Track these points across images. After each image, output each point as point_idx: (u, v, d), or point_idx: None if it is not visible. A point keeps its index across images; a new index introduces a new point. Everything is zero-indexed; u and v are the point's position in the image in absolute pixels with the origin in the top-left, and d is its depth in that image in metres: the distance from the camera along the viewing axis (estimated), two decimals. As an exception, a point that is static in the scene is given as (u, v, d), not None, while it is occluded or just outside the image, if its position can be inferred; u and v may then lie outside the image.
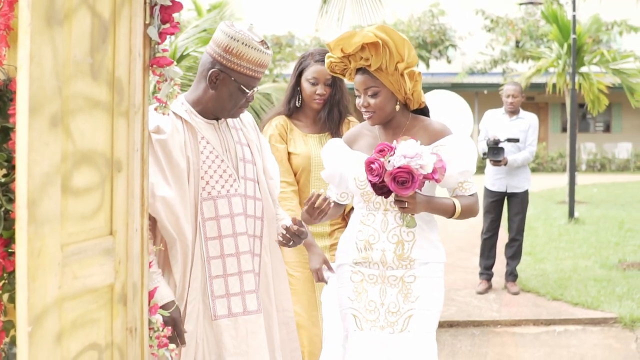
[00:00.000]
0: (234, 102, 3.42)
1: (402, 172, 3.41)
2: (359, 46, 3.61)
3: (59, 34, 2.03)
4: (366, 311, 3.76)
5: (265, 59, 3.36)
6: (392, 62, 3.63)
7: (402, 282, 3.74)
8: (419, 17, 29.33)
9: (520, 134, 8.50)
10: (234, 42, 3.32)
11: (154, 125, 3.33)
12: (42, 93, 1.97)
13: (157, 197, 3.26)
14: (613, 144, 34.33)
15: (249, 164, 3.55)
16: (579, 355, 6.74)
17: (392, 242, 3.73)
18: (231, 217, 3.42)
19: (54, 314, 2.06)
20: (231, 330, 3.38)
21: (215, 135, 3.48)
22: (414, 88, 3.77)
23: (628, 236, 12.57)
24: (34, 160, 1.94)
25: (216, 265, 3.40)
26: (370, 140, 3.87)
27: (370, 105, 3.72)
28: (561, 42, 19.31)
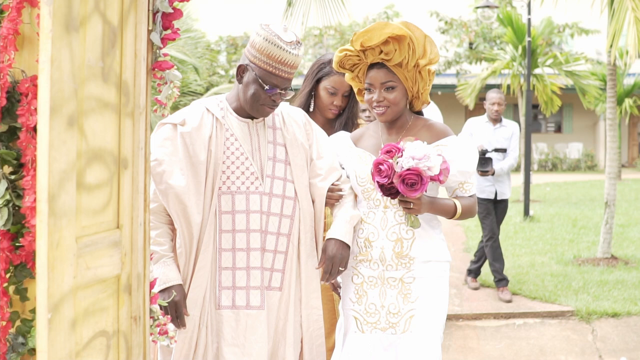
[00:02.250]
0: (255, 98, 3.48)
1: (412, 174, 3.44)
2: (384, 39, 3.61)
3: (75, 39, 2.18)
4: (367, 314, 3.77)
5: (287, 58, 3.42)
6: (414, 57, 3.66)
7: (402, 283, 3.73)
8: (373, 18, 29.48)
9: (504, 142, 8.60)
10: (257, 38, 3.46)
11: (180, 118, 3.51)
12: (61, 95, 2.11)
13: (167, 184, 3.42)
14: (564, 144, 34.88)
15: (280, 163, 3.60)
16: (538, 346, 6.98)
17: (391, 240, 3.73)
18: (247, 214, 3.50)
19: (70, 302, 2.20)
20: (232, 322, 3.47)
21: (247, 133, 3.57)
22: (425, 86, 3.81)
23: (582, 233, 12.89)
24: (53, 157, 2.09)
25: (227, 257, 3.49)
26: (374, 140, 3.91)
27: (386, 100, 3.73)
28: (515, 44, 19.72)
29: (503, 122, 8.73)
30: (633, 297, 8.17)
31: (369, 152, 3.86)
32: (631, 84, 25.73)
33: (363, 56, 3.74)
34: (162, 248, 3.53)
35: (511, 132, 8.67)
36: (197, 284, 3.46)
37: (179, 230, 3.48)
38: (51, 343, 2.10)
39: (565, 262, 10.21)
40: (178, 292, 3.45)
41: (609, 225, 10.13)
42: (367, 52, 3.71)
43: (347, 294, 3.87)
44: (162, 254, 3.52)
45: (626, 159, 35.18)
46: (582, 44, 27.76)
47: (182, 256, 3.49)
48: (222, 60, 29.27)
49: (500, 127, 8.67)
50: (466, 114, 33.30)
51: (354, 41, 3.69)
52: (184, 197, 3.42)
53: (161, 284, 3.45)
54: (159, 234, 3.55)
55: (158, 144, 3.50)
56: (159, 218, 3.55)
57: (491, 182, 8.44)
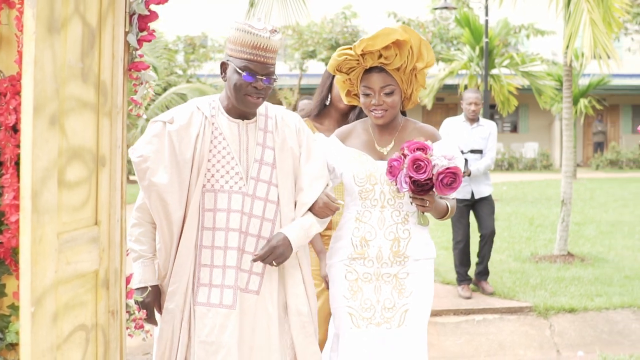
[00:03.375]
0: (237, 88, 3.45)
1: (450, 173, 3.47)
2: (386, 45, 3.65)
3: (57, 40, 2.24)
4: (362, 309, 3.78)
5: (260, 41, 3.40)
6: (412, 61, 3.72)
7: (396, 279, 3.78)
8: (331, 19, 29.54)
9: (481, 142, 8.53)
10: (232, 31, 3.47)
11: (169, 116, 3.51)
12: (44, 95, 2.17)
13: (150, 181, 3.41)
14: (520, 143, 35.21)
15: (266, 167, 3.57)
16: (497, 342, 7.10)
17: (389, 239, 3.76)
18: (227, 212, 3.49)
19: (51, 297, 2.27)
20: (205, 319, 3.45)
21: (236, 133, 3.56)
22: (419, 88, 3.87)
23: (538, 231, 13.07)
24: (36, 155, 2.15)
25: (206, 254, 3.49)
26: (364, 138, 3.91)
27: (385, 104, 3.75)
28: (473, 45, 19.93)
29: (480, 122, 8.66)
30: (589, 293, 8.31)
31: (362, 151, 3.86)
32: (586, 85, 26.05)
33: (362, 60, 3.76)
34: (141, 248, 3.55)
35: (488, 132, 8.61)
36: (176, 279, 3.47)
37: (158, 226, 3.49)
38: (34, 336, 2.16)
39: (522, 259, 10.37)
40: (150, 294, 3.50)
41: (566, 223, 10.29)
42: (366, 56, 3.73)
43: (339, 291, 3.86)
44: (141, 254, 3.54)
45: (581, 159, 35.61)
46: (538, 44, 28.07)
47: (162, 251, 3.51)
48: (180, 60, 29.15)
49: (477, 127, 8.60)
50: (423, 114, 33.57)
51: (357, 46, 3.69)
52: (166, 195, 3.41)
53: (136, 283, 3.47)
54: (141, 233, 3.57)
55: (146, 141, 3.49)
56: (145, 216, 3.57)
57: (467, 182, 8.36)
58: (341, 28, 29.30)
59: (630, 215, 15.48)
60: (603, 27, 9.50)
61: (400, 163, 3.55)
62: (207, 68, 29.28)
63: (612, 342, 7.10)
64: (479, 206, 8.54)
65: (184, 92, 20.59)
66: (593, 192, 21.09)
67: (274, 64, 3.50)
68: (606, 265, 9.92)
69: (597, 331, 7.32)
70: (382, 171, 3.76)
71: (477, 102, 8.55)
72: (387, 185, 3.76)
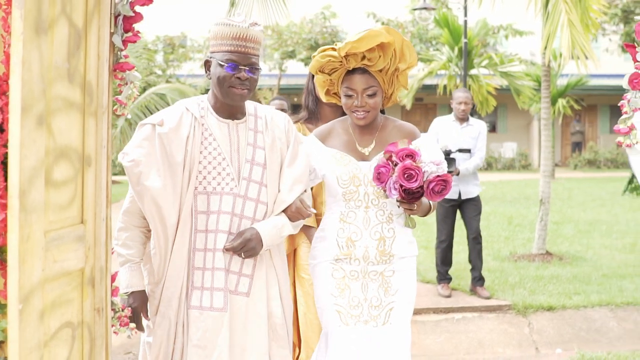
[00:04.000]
0: (221, 81, 3.44)
1: (441, 181, 3.49)
2: (370, 47, 3.64)
3: (44, 41, 2.28)
4: (350, 307, 3.77)
5: (239, 32, 3.40)
6: (395, 63, 3.72)
7: (382, 277, 3.79)
8: (311, 19, 29.56)
9: (471, 141, 8.48)
10: (212, 27, 3.46)
11: (159, 119, 3.47)
12: (31, 95, 2.21)
13: (143, 185, 3.37)
14: (499, 143, 35.34)
15: (257, 167, 3.55)
16: (477, 340, 7.16)
17: (375, 239, 3.77)
18: (218, 214, 3.45)
19: (39, 294, 2.30)
20: (198, 323, 3.42)
21: (226, 134, 3.54)
22: (399, 88, 3.88)
23: (517, 230, 13.16)
24: (24, 155, 2.18)
25: (199, 257, 3.45)
26: (344, 138, 3.89)
27: (367, 105, 3.73)
28: (452, 45, 20.04)
29: (470, 122, 8.62)
30: (567, 291, 8.38)
31: (344, 152, 3.84)
32: (564, 85, 26.25)
33: (345, 61, 3.72)
34: (129, 252, 3.52)
35: (478, 132, 8.58)
36: (171, 283, 3.44)
37: (153, 231, 3.45)
38: (22, 333, 2.19)
39: (501, 258, 10.44)
40: (137, 299, 3.48)
41: (544, 222, 10.37)
42: (349, 58, 3.70)
43: (326, 289, 3.84)
44: (128, 258, 3.52)
45: (559, 158, 35.82)
46: (517, 45, 28.22)
47: (157, 256, 3.46)
48: (159, 60, 29.12)
49: (467, 127, 8.56)
50: (403, 113, 33.63)
51: (341, 48, 3.66)
52: (160, 199, 3.38)
53: (123, 288, 3.46)
54: (129, 237, 3.53)
55: (136, 144, 3.45)
56: (132, 220, 3.53)
57: (455, 182, 8.30)
58: (320, 28, 29.31)
59: (607, 214, 15.60)
60: (581, 28, 9.59)
61: (388, 170, 3.55)
62: (186, 68, 29.28)
63: (590, 339, 7.18)
64: (465, 207, 8.53)
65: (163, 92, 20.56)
66: (571, 191, 21.22)
67: (256, 55, 3.48)
68: (584, 263, 10.01)
69: (575, 329, 7.39)
70: (365, 172, 3.76)
71: (467, 101, 8.52)
72: (370, 186, 3.75)
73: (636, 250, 11.05)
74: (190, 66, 29.18)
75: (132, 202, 3.51)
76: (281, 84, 30.08)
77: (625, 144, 2.94)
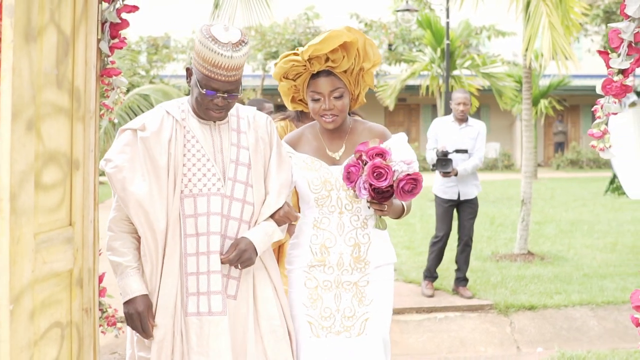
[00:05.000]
0: (198, 102, 3.36)
1: (411, 179, 3.40)
2: (333, 48, 3.57)
3: (33, 48, 2.34)
4: (321, 318, 3.69)
5: (221, 61, 3.24)
6: (359, 62, 3.66)
7: (356, 287, 3.69)
8: (294, 19, 29.56)
9: (470, 142, 8.46)
10: (196, 40, 3.29)
11: (140, 123, 3.37)
12: (21, 101, 2.27)
13: (128, 191, 3.28)
14: (482, 143, 35.41)
15: (242, 167, 3.48)
16: (459, 339, 7.23)
17: (349, 245, 3.68)
18: (207, 216, 3.38)
19: (29, 295, 2.37)
20: (197, 329, 3.36)
21: (209, 135, 3.46)
22: (365, 88, 3.81)
23: (499, 230, 13.24)
24: (14, 159, 2.24)
25: (192, 262, 3.36)
26: (314, 145, 3.81)
27: (336, 108, 3.65)
28: (434, 46, 20.14)
29: (469, 122, 8.60)
30: (548, 290, 8.46)
31: (315, 157, 3.75)
32: (546, 85, 26.36)
33: (309, 65, 3.65)
34: (125, 259, 3.37)
35: (477, 132, 8.57)
36: (166, 291, 3.35)
37: (142, 238, 3.34)
38: (12, 333, 2.26)
39: (484, 258, 10.51)
40: (141, 303, 3.32)
41: (525, 223, 10.46)
42: (312, 61, 3.63)
43: (299, 298, 3.75)
44: (125, 265, 3.36)
45: (542, 158, 35.96)
46: (499, 45, 28.32)
47: (148, 263, 3.36)
48: (143, 61, 29.07)
49: (466, 127, 8.55)
50: (385, 114, 33.74)
51: (304, 52, 3.59)
52: (146, 204, 3.29)
53: (125, 295, 3.32)
54: (121, 244, 3.39)
55: (118, 150, 3.34)
56: (121, 227, 3.40)
57: (454, 182, 8.35)
58: (304, 29, 29.30)
59: (589, 214, 15.71)
60: (562, 29, 9.69)
61: (358, 169, 3.48)
62: (170, 69, 29.23)
63: (571, 338, 7.26)
64: (462, 208, 8.51)
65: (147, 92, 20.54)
66: (554, 191, 21.34)
67: (237, 80, 3.36)
68: (565, 263, 10.11)
69: (557, 328, 7.47)
70: (336, 176, 3.69)
71: (465, 102, 8.51)
72: (343, 190, 3.67)
73: (617, 249, 11.16)
74: (173, 67, 29.14)
75: (118, 210, 3.40)
76: (264, 84, 30.11)
77: (599, 148, 3.03)
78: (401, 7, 20.87)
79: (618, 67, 2.88)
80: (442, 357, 6.84)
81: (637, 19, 2.80)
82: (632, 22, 2.82)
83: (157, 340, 3.32)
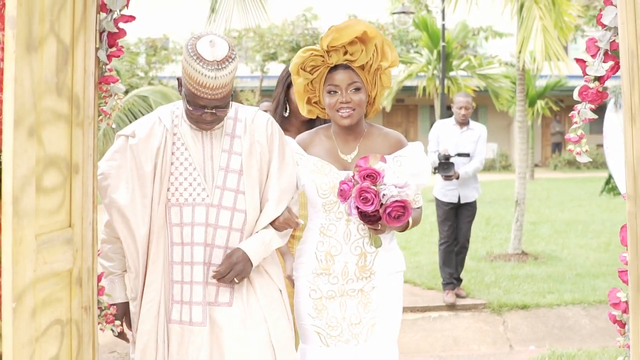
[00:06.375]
0: (187, 114, 3.35)
1: (399, 207, 3.33)
2: (352, 38, 3.52)
3: (34, 58, 2.45)
4: (329, 327, 3.62)
5: (206, 81, 3.17)
6: (377, 60, 3.60)
7: (362, 293, 3.60)
8: (292, 21, 29.65)
9: (471, 145, 8.49)
10: (184, 53, 3.23)
11: (131, 130, 3.39)
12: (23, 108, 2.38)
13: (111, 198, 3.34)
14: (480, 144, 35.44)
15: (232, 174, 3.41)
16: (452, 337, 7.35)
17: (355, 254, 3.59)
18: (192, 226, 3.36)
19: (31, 293, 2.47)
20: (178, 337, 3.36)
21: (199, 141, 3.42)
22: (382, 92, 3.75)
23: (494, 231, 13.36)
24: (16, 164, 2.35)
25: (177, 270, 3.37)
26: (327, 146, 3.73)
27: (352, 102, 3.58)
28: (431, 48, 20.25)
29: (470, 125, 8.63)
30: (541, 290, 8.58)
31: (325, 162, 3.68)
32: (543, 86, 26.44)
33: (327, 57, 3.60)
34: (110, 264, 3.49)
35: (478, 135, 8.58)
36: (149, 298, 3.36)
37: (124, 244, 3.39)
38: (15, 330, 2.36)
39: (478, 258, 10.64)
40: (120, 310, 3.46)
41: (519, 223, 10.58)
42: (331, 53, 3.58)
43: (304, 309, 3.69)
44: (110, 270, 3.49)
45: (540, 159, 36.04)
46: (497, 46, 28.39)
47: (132, 270, 3.40)
48: (142, 62, 29.15)
49: (467, 130, 8.57)
50: (384, 115, 33.82)
51: (323, 39, 3.54)
52: (127, 211, 3.32)
53: (110, 299, 3.42)
54: (110, 249, 3.49)
55: (108, 157, 3.41)
56: (113, 232, 3.45)
57: (455, 185, 8.35)
58: (302, 30, 29.40)
59: (585, 214, 15.83)
60: (555, 32, 9.80)
61: (349, 187, 3.42)
62: (168, 70, 29.29)
63: (563, 337, 7.37)
64: (460, 211, 8.49)
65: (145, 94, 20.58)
66: (550, 192, 21.44)
67: (224, 97, 3.28)
68: (559, 263, 10.23)
69: (549, 327, 7.59)
70: None
71: (467, 106, 8.53)
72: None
73: (610, 249, 11.26)
74: (172, 68, 29.19)
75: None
76: (263, 85, 30.20)
77: (576, 152, 3.14)
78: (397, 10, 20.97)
79: (594, 74, 3.00)
80: (436, 356, 6.96)
81: (613, 27, 2.92)
82: (608, 31, 2.94)
83: (140, 348, 3.36)
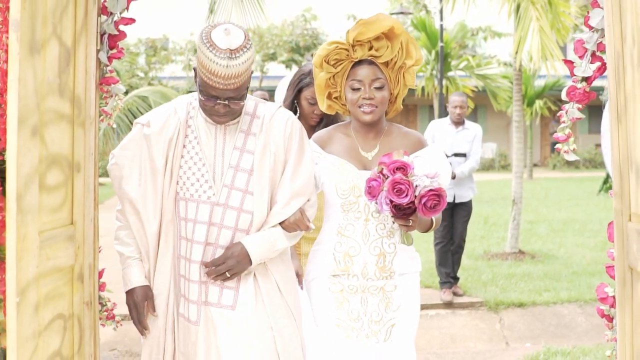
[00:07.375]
0: (201, 105, 3.23)
1: (434, 195, 3.21)
2: (379, 33, 3.46)
3: (37, 60, 2.52)
4: (350, 320, 3.54)
5: (218, 70, 3.02)
6: (402, 57, 3.55)
7: (383, 292, 3.54)
8: (292, 21, 29.71)
9: (466, 145, 8.53)
10: (198, 40, 3.11)
11: (146, 119, 3.31)
12: (27, 109, 2.45)
13: (123, 190, 3.28)
14: (479, 144, 35.48)
15: (242, 173, 3.28)
16: (449, 335, 7.42)
17: (374, 254, 3.53)
18: (194, 223, 3.26)
19: (34, 289, 2.54)
20: (184, 330, 3.31)
21: (212, 137, 3.31)
22: (404, 90, 3.65)
23: (492, 230, 13.42)
24: (20, 163, 2.42)
25: (182, 265, 3.31)
26: (346, 143, 3.64)
27: (375, 98, 3.50)
28: (429, 48, 20.28)
29: (466, 125, 8.66)
30: (538, 288, 8.65)
31: (345, 160, 3.59)
32: (542, 86, 26.49)
33: (352, 51, 3.53)
34: (128, 249, 3.36)
35: (473, 135, 8.62)
36: (159, 290, 3.33)
37: (136, 234, 3.32)
38: (19, 324, 2.44)
39: (475, 257, 10.71)
40: (139, 294, 3.30)
41: (516, 222, 10.64)
42: (356, 47, 3.51)
43: (324, 304, 3.61)
44: (127, 255, 3.35)
45: (539, 158, 36.11)
46: (496, 46, 28.42)
47: (145, 262, 3.35)
48: (142, 63, 29.22)
49: (462, 130, 8.61)
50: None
51: (349, 31, 3.49)
52: (138, 204, 3.26)
53: (125, 285, 3.33)
54: (126, 234, 3.37)
55: (122, 147, 3.33)
56: (126, 219, 3.37)
57: (451, 185, 8.14)
58: (301, 30, 29.47)
59: (582, 213, 15.89)
60: (551, 33, 9.87)
61: (379, 183, 3.29)
62: (168, 70, 29.37)
63: (559, 334, 7.44)
64: (456, 210, 8.48)
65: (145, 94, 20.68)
66: (548, 191, 21.50)
67: (238, 87, 3.12)
68: (555, 261, 10.29)
69: (545, 324, 7.66)
70: None
71: (462, 105, 8.56)
72: None
73: (606, 248, 11.21)
74: (172, 68, 29.29)
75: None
76: (262, 85, 30.27)
77: (564, 151, 3.22)
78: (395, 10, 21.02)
79: (582, 75, 3.08)
80: (433, 353, 7.01)
81: (600, 29, 3.00)
82: (595, 33, 3.02)
83: (150, 337, 3.35)
